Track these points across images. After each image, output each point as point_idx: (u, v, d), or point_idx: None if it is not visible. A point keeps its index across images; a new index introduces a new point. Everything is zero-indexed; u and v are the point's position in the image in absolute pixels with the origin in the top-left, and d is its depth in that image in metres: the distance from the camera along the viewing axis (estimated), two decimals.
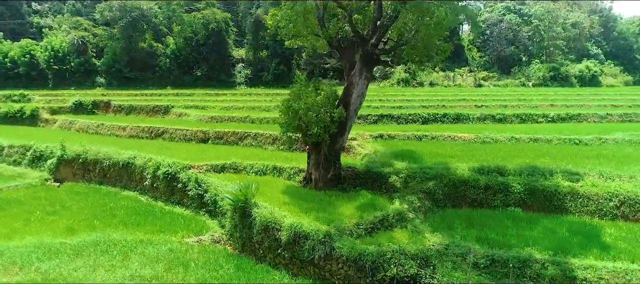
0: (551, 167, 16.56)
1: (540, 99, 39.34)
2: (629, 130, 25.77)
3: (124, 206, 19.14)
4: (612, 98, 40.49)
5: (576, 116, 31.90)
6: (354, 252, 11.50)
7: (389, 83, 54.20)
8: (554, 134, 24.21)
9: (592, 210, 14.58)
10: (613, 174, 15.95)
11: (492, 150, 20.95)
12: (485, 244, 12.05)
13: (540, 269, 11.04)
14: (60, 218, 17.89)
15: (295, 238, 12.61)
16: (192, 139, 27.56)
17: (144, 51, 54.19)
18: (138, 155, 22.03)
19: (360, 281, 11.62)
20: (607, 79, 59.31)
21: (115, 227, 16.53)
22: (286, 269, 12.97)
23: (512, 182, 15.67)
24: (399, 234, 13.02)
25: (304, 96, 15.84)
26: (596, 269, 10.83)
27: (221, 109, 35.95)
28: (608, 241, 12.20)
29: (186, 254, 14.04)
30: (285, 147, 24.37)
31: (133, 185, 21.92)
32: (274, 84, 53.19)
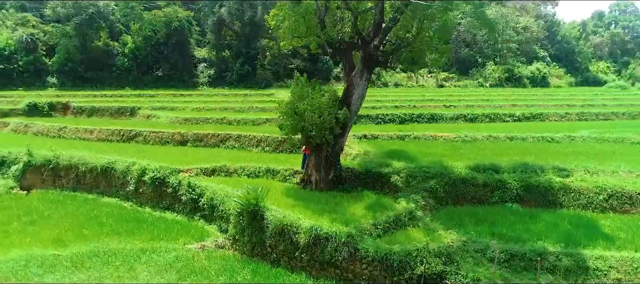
0: (541, 164, 17.49)
1: (501, 100, 41.29)
2: (590, 128, 27.67)
3: (109, 214, 18.16)
4: (565, 98, 43.26)
5: (539, 115, 33.83)
6: (380, 252, 11.59)
7: None
8: (527, 132, 25.55)
9: (583, 204, 15.55)
10: (597, 169, 17.11)
11: (477, 148, 21.81)
12: (499, 240, 12.53)
13: (555, 260, 11.66)
14: (42, 228, 16.73)
15: (315, 240, 12.52)
16: (169, 142, 26.56)
17: (99, 50, 51.46)
18: (118, 159, 20.97)
19: (386, 280, 11.74)
20: (554, 80, 63.25)
21: (108, 236, 15.68)
22: (304, 271, 12.84)
23: (508, 179, 16.40)
24: (414, 233, 13.27)
25: (307, 97, 15.73)
26: (606, 259, 11.59)
27: (192, 111, 34.88)
28: (609, 233, 13.07)
29: (195, 262, 13.56)
30: (271, 149, 24.06)
31: (113, 191, 20.83)
32: (239, 84, 52.16)
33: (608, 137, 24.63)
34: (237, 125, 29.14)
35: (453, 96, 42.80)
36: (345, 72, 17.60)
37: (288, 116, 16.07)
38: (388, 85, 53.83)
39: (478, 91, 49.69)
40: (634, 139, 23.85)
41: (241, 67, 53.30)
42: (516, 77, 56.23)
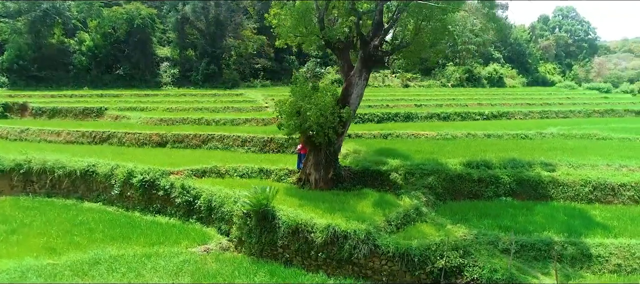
0: (528, 159, 18.41)
1: (466, 99, 42.95)
2: (556, 125, 29.37)
3: (97, 219, 17.27)
4: (524, 98, 45.62)
5: (505, 113, 35.52)
6: (400, 248, 11.81)
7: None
8: (502, 130, 26.77)
9: (571, 196, 16.55)
10: (579, 163, 18.24)
11: (460, 146, 22.61)
12: (505, 232, 13.09)
13: (561, 250, 12.35)
14: (27, 236, 15.69)
15: (333, 239, 12.55)
16: (147, 144, 25.59)
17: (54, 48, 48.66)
18: (100, 162, 20.01)
19: (405, 275, 11.97)
20: (508, 81, 66.45)
21: (102, 242, 14.90)
22: (319, 270, 12.82)
23: (500, 174, 17.15)
24: (424, 228, 13.60)
25: (311, 96, 15.71)
26: (606, 246, 12.43)
27: (164, 111, 33.74)
28: (602, 222, 14.00)
29: (205, 265, 13.20)
30: (257, 149, 23.76)
31: (94, 196, 19.87)
32: (204, 84, 50.96)
33: (575, 133, 26.27)
34: (216, 125, 28.52)
35: (421, 96, 43.99)
36: (343, 72, 17.74)
37: (290, 115, 15.96)
38: None
39: (443, 91, 51.37)
40: (599, 135, 25.60)
41: (207, 66, 52.17)
42: (475, 78, 58.63)
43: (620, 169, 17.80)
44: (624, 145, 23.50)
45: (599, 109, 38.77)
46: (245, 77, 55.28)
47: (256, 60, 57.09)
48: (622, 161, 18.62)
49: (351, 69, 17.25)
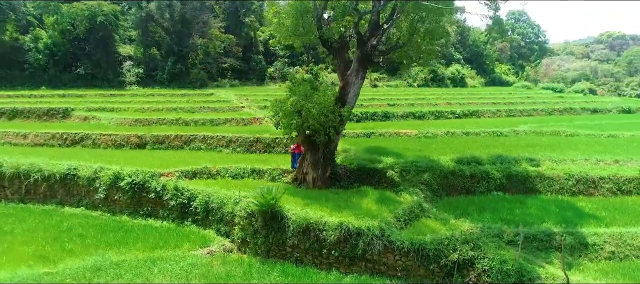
0: (513, 155, 19.26)
1: (435, 98, 44.21)
2: (525, 123, 30.81)
3: (85, 225, 16.48)
4: (489, 97, 47.52)
5: (475, 112, 36.89)
6: (415, 243, 12.06)
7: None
8: (477, 128, 27.82)
9: (556, 189, 17.48)
10: (559, 158, 19.28)
11: (443, 143, 23.32)
12: (507, 224, 13.68)
13: (561, 240, 13.03)
14: (10, 245, 14.75)
15: (345, 236, 12.64)
16: (125, 145, 24.63)
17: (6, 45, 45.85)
18: (82, 165, 19.10)
19: (419, 269, 12.24)
20: (469, 81, 68.98)
21: (97, 249, 14.27)
22: (331, 268, 12.87)
23: (491, 170, 17.85)
24: (431, 223, 13.96)
25: (312, 96, 15.72)
26: (599, 235, 13.27)
27: (136, 111, 32.52)
28: (591, 212, 14.90)
29: (213, 268, 12.95)
30: (243, 149, 23.41)
31: (75, 200, 18.94)
32: (171, 84, 49.57)
33: (545, 130, 27.71)
34: (195, 126, 27.84)
35: (392, 95, 44.84)
36: (339, 71, 17.83)
37: (291, 115, 15.87)
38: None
39: (411, 90, 52.59)
40: (567, 132, 27.14)
41: (173, 65, 50.82)
42: (440, 78, 60.47)
43: (598, 164, 19.02)
44: (592, 141, 25.05)
45: (558, 108, 41.04)
46: (213, 76, 54.27)
47: (223, 60, 56.19)
48: (598, 155, 19.89)
49: (347, 68, 17.38)
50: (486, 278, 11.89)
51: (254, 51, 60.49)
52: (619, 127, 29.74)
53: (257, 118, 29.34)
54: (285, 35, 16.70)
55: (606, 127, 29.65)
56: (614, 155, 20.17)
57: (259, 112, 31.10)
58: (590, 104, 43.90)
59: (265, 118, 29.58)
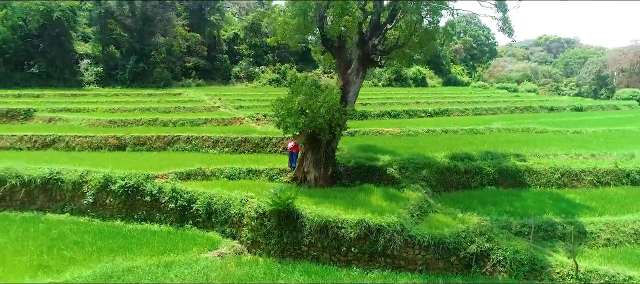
0: (501, 151, 20.17)
1: (403, 98, 45.31)
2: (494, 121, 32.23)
3: (77, 231, 15.62)
4: (453, 97, 49.23)
5: (445, 111, 38.19)
6: (436, 237, 12.42)
7: (259, 83, 54.40)
8: (455, 126, 28.84)
9: (543, 182, 18.50)
10: (542, 153, 20.41)
11: (428, 141, 24.00)
12: (510, 216, 14.36)
13: (562, 229, 13.87)
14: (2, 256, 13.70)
15: (366, 233, 12.79)
16: (102, 147, 23.47)
17: None
18: (66, 169, 18.09)
19: (438, 263, 12.60)
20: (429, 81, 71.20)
21: (99, 256, 13.59)
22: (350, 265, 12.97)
23: (484, 165, 18.61)
24: (440, 218, 14.40)
25: (318, 95, 15.74)
26: (595, 224, 14.22)
27: (105, 112, 31.05)
28: (583, 203, 15.92)
29: (230, 270, 12.70)
30: (231, 150, 22.97)
31: (58, 206, 17.92)
32: (133, 83, 47.65)
33: (515, 128, 29.18)
34: (174, 127, 26.96)
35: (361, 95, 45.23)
36: (339, 70, 17.92)
37: (296, 114, 15.80)
38: None
39: (378, 90, 53.55)
40: (536, 129, 28.73)
41: (135, 64, 48.91)
42: (403, 78, 62.01)
43: (577, 158, 20.33)
44: (560, 137, 26.69)
45: (519, 106, 43.24)
46: (177, 76, 52.67)
47: (187, 59, 54.69)
48: (576, 150, 21.26)
49: (347, 67, 17.54)
50: (501, 268, 12.45)
51: (218, 50, 59.36)
52: (579, 124, 31.84)
53: (237, 118, 28.87)
54: (290, 36, 16.59)
55: (568, 124, 31.65)
56: (587, 150, 21.62)
57: (239, 112, 30.62)
58: (546, 103, 46.61)
59: (245, 118, 29.20)
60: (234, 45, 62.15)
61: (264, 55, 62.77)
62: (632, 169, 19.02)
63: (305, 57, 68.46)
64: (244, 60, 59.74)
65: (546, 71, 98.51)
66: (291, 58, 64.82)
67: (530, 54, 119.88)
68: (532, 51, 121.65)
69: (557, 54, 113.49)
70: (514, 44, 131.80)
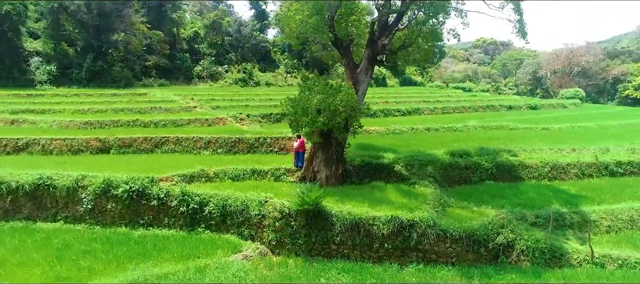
0: (494, 147, 21.17)
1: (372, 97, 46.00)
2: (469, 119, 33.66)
3: (82, 240, 14.70)
4: (417, 96, 50.83)
5: (416, 109, 39.35)
6: (467, 230, 12.91)
7: (225, 83, 53.27)
8: (435, 124, 29.81)
9: (535, 176, 19.65)
10: (528, 148, 21.64)
11: (418, 138, 24.80)
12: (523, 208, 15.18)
13: (570, 219, 14.86)
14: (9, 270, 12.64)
15: (399, 229, 13.04)
16: (84, 150, 22.10)
17: None
18: (57, 174, 16.96)
19: (468, 254, 13.10)
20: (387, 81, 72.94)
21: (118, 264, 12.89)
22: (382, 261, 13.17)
23: (482, 161, 19.46)
24: (459, 212, 14.94)
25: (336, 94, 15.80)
26: (597, 213, 15.36)
27: (74, 113, 29.17)
28: (578, 194, 17.10)
29: (264, 272, 12.52)
30: (224, 150, 22.42)
31: (49, 214, 16.79)
32: (90, 82, 45.00)
33: (490, 125, 30.65)
34: (156, 127, 25.84)
35: None
36: (348, 69, 18.04)
37: (313, 113, 15.75)
38: (260, 84, 54.05)
39: None
40: (509, 126, 30.36)
41: (93, 63, 46.20)
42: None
43: (560, 152, 21.76)
44: (532, 134, 28.37)
45: (482, 105, 45.37)
46: (136, 75, 50.38)
47: (147, 58, 52.45)
48: (559, 145, 22.73)
49: (356, 66, 17.72)
50: (524, 257, 13.16)
51: (178, 49, 57.44)
52: (543, 121, 33.99)
53: (221, 118, 28.18)
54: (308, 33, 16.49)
55: (534, 121, 33.70)
56: (566, 145, 23.20)
57: (219, 112, 29.86)
58: (504, 102, 49.22)
59: (228, 118, 28.58)
60: (194, 44, 60.44)
61: (226, 54, 61.60)
62: (609, 162, 20.66)
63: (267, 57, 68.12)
64: (205, 59, 58.24)
65: (485, 71, 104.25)
66: (253, 58, 64.11)
67: (469, 55, 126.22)
68: (471, 53, 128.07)
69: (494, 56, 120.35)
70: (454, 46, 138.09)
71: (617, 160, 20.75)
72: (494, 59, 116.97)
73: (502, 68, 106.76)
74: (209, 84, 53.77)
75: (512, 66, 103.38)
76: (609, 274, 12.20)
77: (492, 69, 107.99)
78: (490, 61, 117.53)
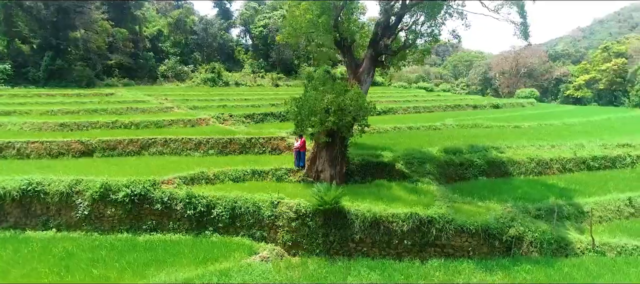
0: (482, 144, 22.01)
1: None
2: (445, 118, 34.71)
3: (85, 248, 13.97)
4: (386, 96, 51.73)
5: (390, 109, 40.12)
6: (483, 224, 13.40)
7: (193, 82, 51.90)
8: (415, 123, 30.56)
9: (523, 171, 20.63)
10: (513, 145, 22.68)
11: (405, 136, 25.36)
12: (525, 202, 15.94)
13: (567, 211, 15.77)
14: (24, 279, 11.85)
15: (418, 225, 13.33)
16: (65, 154, 20.89)
17: None
18: (48, 179, 16.00)
19: (482, 247, 13.60)
20: None
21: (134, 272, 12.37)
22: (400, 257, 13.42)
23: (474, 158, 20.19)
24: (466, 207, 15.43)
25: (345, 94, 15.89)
26: (589, 204, 16.36)
27: (42, 115, 27.47)
28: (567, 187, 18.13)
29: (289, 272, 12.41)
30: (215, 151, 21.89)
31: (39, 222, 15.85)
32: (49, 82, 42.55)
33: (465, 124, 31.79)
34: (138, 129, 24.78)
35: None
36: (350, 69, 18.15)
37: (322, 113, 15.76)
38: (229, 84, 53.12)
39: None
40: (484, 125, 31.64)
41: (52, 62, 43.69)
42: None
43: (541, 148, 22.97)
44: (506, 131, 29.64)
45: (449, 105, 46.93)
46: (98, 74, 48.08)
47: (109, 56, 50.15)
48: (538, 142, 23.97)
49: (358, 67, 17.88)
50: (533, 248, 13.82)
51: (140, 48, 55.36)
52: (512, 119, 35.69)
53: (203, 119, 27.48)
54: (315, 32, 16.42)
55: (505, 119, 35.28)
56: (541, 142, 24.51)
57: (199, 113, 29.08)
58: (469, 101, 51.16)
59: (210, 119, 27.94)
60: (157, 43, 58.52)
61: (191, 54, 60.09)
62: (586, 157, 22.06)
63: (231, 57, 67.09)
64: (170, 59, 56.53)
65: (437, 72, 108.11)
66: (218, 58, 62.94)
67: None
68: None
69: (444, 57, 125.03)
70: None
71: (592, 155, 22.19)
72: (445, 60, 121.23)
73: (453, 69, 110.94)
74: (176, 83, 52.22)
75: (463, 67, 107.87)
76: (612, 261, 13.09)
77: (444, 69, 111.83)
78: (442, 62, 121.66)
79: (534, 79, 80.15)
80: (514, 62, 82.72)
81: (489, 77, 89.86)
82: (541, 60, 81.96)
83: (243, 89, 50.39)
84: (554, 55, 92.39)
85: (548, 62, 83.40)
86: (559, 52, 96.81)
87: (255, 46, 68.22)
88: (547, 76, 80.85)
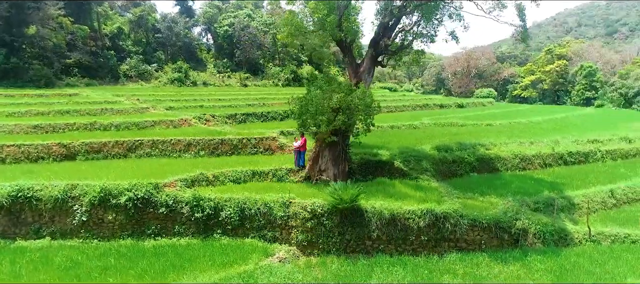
0: (469, 142, 22.81)
1: None
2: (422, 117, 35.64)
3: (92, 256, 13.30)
4: None
5: None
6: (494, 218, 13.94)
7: (159, 82, 50.17)
8: (395, 122, 31.18)
9: (508, 167, 21.58)
10: (496, 142, 23.67)
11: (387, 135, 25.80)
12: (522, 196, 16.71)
13: (560, 203, 16.68)
14: None
15: (434, 221, 13.67)
16: (45, 158, 19.66)
17: None
18: (41, 184, 15.09)
19: (492, 241, 14.15)
20: None
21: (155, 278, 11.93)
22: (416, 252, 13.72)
23: (466, 155, 20.89)
24: (470, 202, 15.98)
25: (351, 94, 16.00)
26: (578, 197, 17.41)
27: (8, 116, 25.65)
28: (555, 181, 19.17)
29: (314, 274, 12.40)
30: (207, 153, 21.34)
31: (30, 230, 14.97)
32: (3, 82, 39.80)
33: (441, 122, 32.81)
34: (118, 131, 23.68)
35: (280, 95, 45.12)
36: (350, 69, 18.22)
37: (330, 112, 15.79)
38: (197, 84, 51.80)
39: (279, 90, 53.86)
40: (458, 123, 32.76)
41: (6, 60, 40.95)
42: (299, 78, 63.61)
43: (522, 145, 24.12)
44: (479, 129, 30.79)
45: (419, 104, 48.24)
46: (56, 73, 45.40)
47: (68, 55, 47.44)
48: (518, 139, 25.13)
49: (358, 66, 18.04)
50: (536, 240, 14.54)
51: (100, 45, 52.83)
52: (482, 118, 37.25)
53: (185, 119, 26.68)
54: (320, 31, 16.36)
55: (476, 118, 36.75)
56: (520, 138, 25.75)
57: (179, 113, 28.20)
58: (436, 101, 52.77)
59: (192, 119, 27.19)
60: (118, 41, 56.06)
61: (153, 52, 58.05)
62: (563, 152, 23.42)
63: (193, 56, 65.43)
64: (132, 57, 54.34)
65: (392, 73, 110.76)
66: (182, 57, 61.20)
67: None
68: None
69: None
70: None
71: (568, 150, 23.60)
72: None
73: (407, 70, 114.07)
74: (140, 83, 50.28)
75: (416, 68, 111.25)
76: (610, 248, 14.02)
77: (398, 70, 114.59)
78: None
79: (484, 80, 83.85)
80: (465, 63, 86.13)
81: (442, 78, 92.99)
82: (490, 62, 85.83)
83: (212, 89, 49.33)
84: (501, 57, 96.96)
85: (496, 64, 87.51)
86: (505, 54, 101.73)
87: (220, 46, 66.88)
88: (495, 77, 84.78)
